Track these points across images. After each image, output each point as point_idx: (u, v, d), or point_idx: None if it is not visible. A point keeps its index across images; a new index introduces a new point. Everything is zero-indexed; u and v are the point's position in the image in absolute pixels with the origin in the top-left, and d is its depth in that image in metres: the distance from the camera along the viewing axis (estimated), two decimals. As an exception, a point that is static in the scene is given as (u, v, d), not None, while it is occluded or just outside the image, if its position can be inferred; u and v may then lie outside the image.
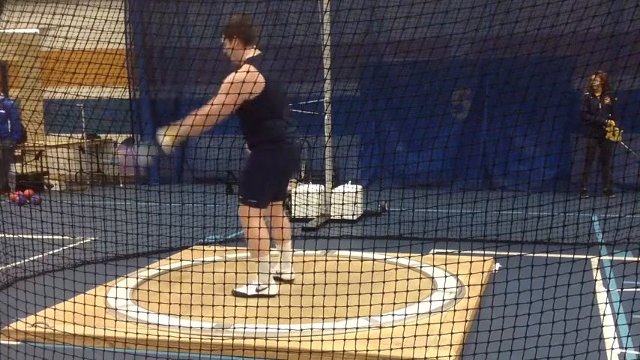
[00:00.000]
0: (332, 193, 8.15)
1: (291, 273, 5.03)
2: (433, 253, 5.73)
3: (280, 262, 5.05)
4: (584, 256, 4.81)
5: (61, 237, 4.71)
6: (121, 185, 10.61)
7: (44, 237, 4.53)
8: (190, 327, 3.89)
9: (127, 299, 4.51)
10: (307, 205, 7.80)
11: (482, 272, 4.63)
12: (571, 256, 3.64)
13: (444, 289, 4.47)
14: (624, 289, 4.78)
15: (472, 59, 9.65)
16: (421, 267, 4.91)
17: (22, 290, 4.15)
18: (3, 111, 10.26)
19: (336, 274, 3.73)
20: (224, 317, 3.79)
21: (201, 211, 4.89)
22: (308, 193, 7.91)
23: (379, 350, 3.53)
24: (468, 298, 4.21)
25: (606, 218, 7.00)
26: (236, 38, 4.64)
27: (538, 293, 3.40)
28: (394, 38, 4.48)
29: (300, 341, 3.63)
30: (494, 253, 4.71)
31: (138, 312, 4.33)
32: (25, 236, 4.86)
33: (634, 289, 4.55)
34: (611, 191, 9.67)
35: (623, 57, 3.81)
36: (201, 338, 3.69)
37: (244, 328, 3.79)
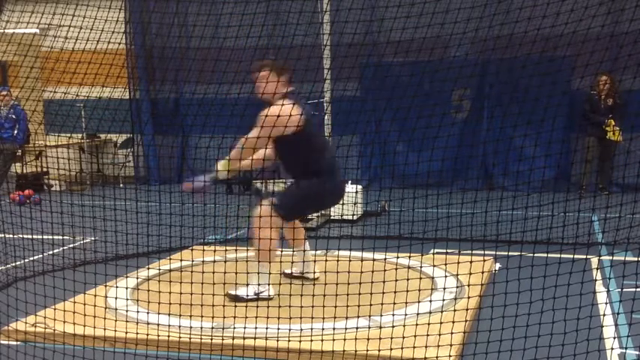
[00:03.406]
0: (332, 193, 8.14)
1: (314, 272, 5.11)
2: (433, 253, 5.73)
3: (303, 261, 5.13)
4: (584, 256, 4.81)
5: (61, 237, 4.71)
6: (121, 185, 10.62)
7: (44, 237, 4.53)
8: (190, 327, 3.89)
9: (127, 299, 4.51)
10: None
11: (482, 272, 4.62)
12: (571, 256, 3.64)
13: (444, 289, 4.47)
14: (624, 289, 4.78)
15: (472, 59, 9.65)
16: (421, 267, 4.90)
17: (22, 290, 4.15)
18: (13, 116, 10.27)
19: (336, 274, 3.73)
20: (224, 317, 3.79)
21: (201, 211, 4.89)
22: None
23: (379, 350, 3.52)
24: (468, 298, 4.21)
25: (606, 218, 7.00)
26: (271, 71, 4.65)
27: (538, 293, 3.40)
28: (394, 38, 4.48)
29: (300, 341, 3.63)
30: (494, 253, 4.71)
31: (138, 312, 4.33)
32: (25, 236, 4.86)
33: (634, 289, 4.55)
34: (606, 188, 9.66)
35: (623, 57, 3.81)
36: (201, 338, 3.69)
37: (244, 328, 3.79)
